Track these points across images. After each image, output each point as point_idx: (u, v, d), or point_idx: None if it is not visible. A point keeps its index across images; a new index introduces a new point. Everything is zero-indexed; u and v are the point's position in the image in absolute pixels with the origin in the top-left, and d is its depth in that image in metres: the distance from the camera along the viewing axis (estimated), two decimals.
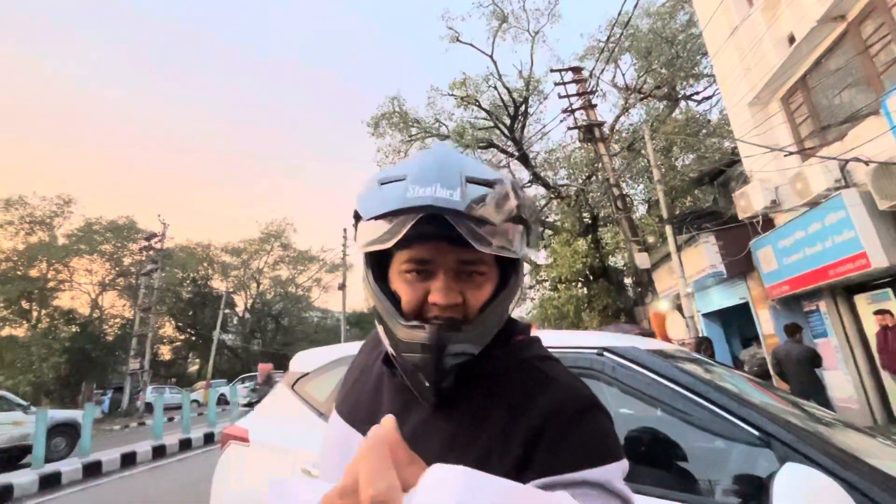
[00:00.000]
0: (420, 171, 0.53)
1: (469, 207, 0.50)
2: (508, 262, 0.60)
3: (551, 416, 0.52)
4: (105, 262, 25.64)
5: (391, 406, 0.62)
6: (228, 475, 2.24)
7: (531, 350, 0.63)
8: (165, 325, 29.20)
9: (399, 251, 0.58)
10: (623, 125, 15.53)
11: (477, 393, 0.57)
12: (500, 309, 0.58)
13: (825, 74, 6.63)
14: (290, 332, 36.96)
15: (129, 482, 6.74)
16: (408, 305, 0.57)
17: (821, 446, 1.11)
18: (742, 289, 8.66)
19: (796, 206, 6.75)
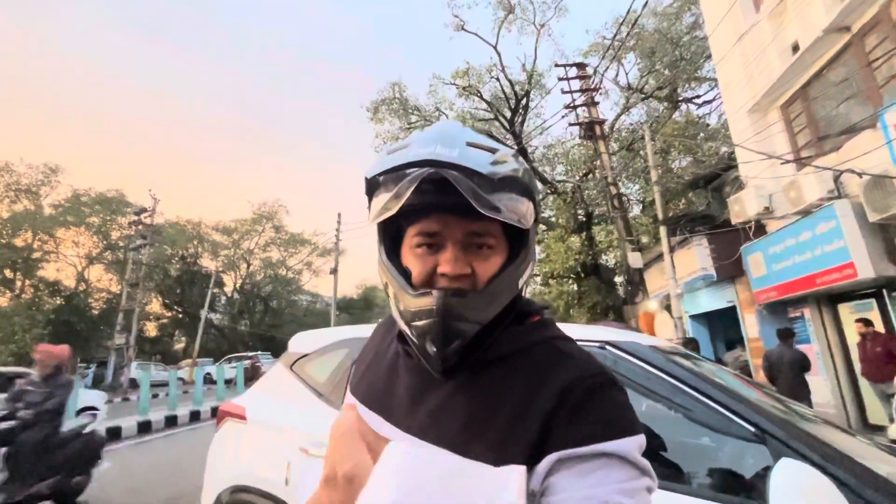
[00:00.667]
0: (422, 136, 0.56)
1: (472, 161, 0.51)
2: (517, 236, 0.60)
3: (569, 392, 0.53)
4: (92, 235, 25.24)
5: (408, 387, 0.62)
6: (224, 451, 2.26)
7: (547, 330, 0.64)
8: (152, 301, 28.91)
9: (410, 226, 0.60)
10: (623, 124, 15.58)
11: (495, 371, 0.58)
12: (508, 281, 0.58)
13: (826, 85, 6.69)
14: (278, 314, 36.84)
15: (113, 456, 6.71)
16: (418, 277, 0.58)
17: (812, 444, 1.16)
18: (730, 292, 8.82)
19: (789, 213, 6.86)
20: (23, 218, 22.68)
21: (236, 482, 2.05)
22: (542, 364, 0.58)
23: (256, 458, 2.07)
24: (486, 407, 0.56)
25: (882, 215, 5.34)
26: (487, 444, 0.53)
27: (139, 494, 4.74)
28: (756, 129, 7.67)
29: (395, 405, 0.62)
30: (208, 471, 2.26)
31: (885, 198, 5.26)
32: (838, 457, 1.13)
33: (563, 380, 0.54)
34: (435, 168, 0.52)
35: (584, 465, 0.49)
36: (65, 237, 24.61)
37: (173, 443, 7.64)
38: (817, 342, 6.95)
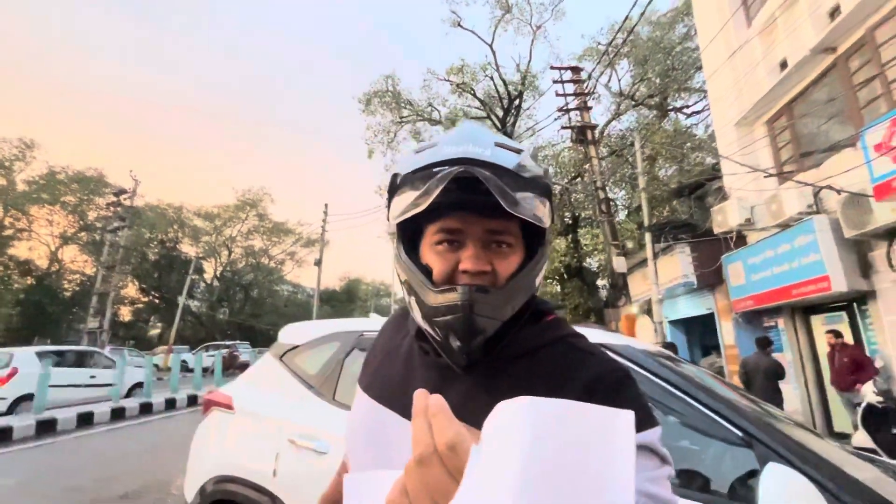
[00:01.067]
0: (451, 136, 0.58)
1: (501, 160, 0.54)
2: (533, 236, 0.62)
3: (592, 386, 0.55)
4: (68, 215, 24.42)
5: (426, 384, 0.62)
6: (210, 441, 2.23)
7: (562, 329, 0.65)
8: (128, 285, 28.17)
9: (430, 224, 0.61)
10: (613, 130, 15.79)
11: (516, 367, 0.60)
12: (526, 280, 0.60)
13: (811, 103, 6.90)
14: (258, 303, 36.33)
15: (86, 442, 6.56)
16: (439, 275, 0.59)
17: (796, 449, 1.21)
18: (709, 300, 9.05)
19: (769, 226, 7.07)
20: None
21: (222, 472, 2.03)
22: (564, 360, 0.59)
23: (244, 448, 2.05)
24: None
25: (857, 232, 5.55)
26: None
27: (111, 482, 4.64)
28: (742, 143, 7.87)
29: (411, 403, 0.63)
30: (192, 460, 2.23)
31: (861, 215, 5.46)
32: (820, 462, 1.18)
33: (588, 376, 0.56)
34: (466, 166, 0.53)
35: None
36: (38, 215, 23.77)
37: (148, 430, 7.49)
38: (790, 351, 7.19)
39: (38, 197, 23.03)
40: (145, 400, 9.14)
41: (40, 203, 23.24)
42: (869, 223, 5.37)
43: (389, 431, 0.62)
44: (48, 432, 6.91)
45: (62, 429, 7.15)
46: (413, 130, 16.87)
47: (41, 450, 6.08)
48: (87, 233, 25.05)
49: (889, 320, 5.60)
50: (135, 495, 4.29)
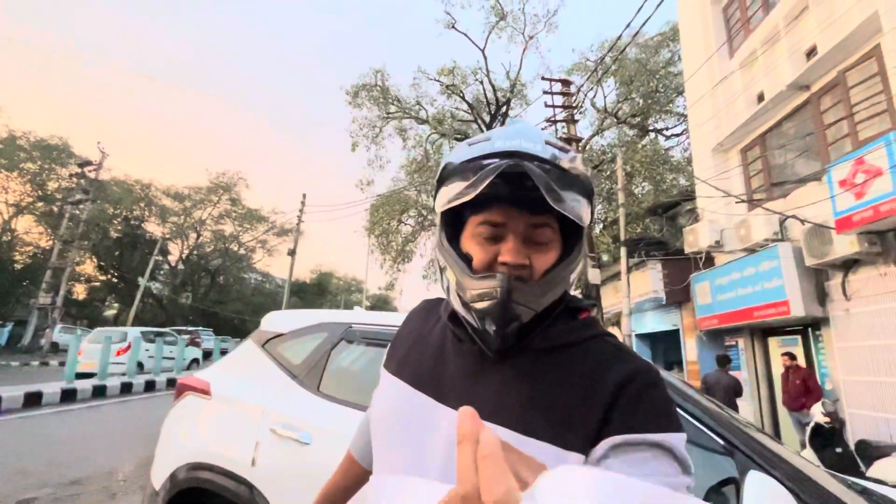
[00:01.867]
0: (504, 131, 0.60)
1: (551, 157, 0.56)
2: (571, 234, 0.64)
3: (627, 383, 0.57)
4: (26, 183, 23.02)
5: (461, 370, 0.65)
6: (183, 426, 2.16)
7: (596, 328, 0.68)
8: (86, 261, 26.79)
9: (474, 215, 0.63)
10: (595, 144, 16.15)
11: (553, 359, 0.62)
12: (561, 276, 0.61)
13: (783, 136, 7.28)
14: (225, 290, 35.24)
15: (32, 423, 6.21)
16: (479, 264, 0.61)
17: (773, 459, 1.28)
18: (675, 316, 9.39)
19: (736, 249, 7.40)
20: None
21: (196, 459, 1.96)
22: (599, 357, 0.61)
23: (221, 435, 2.00)
24: (548, 392, 0.59)
25: (818, 261, 5.89)
26: (550, 426, 0.56)
27: (63, 466, 4.41)
28: (717, 168, 8.21)
29: (446, 387, 0.64)
30: (163, 445, 2.15)
31: (822, 245, 5.79)
32: (795, 473, 1.25)
33: (621, 373, 0.58)
34: (517, 160, 0.55)
35: (636, 455, 0.52)
36: None
37: (101, 414, 7.15)
38: (746, 370, 7.55)
39: None
40: (98, 383, 8.72)
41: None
42: (829, 253, 5.70)
43: (421, 414, 0.64)
44: None
45: (7, 407, 6.74)
46: (399, 127, 16.79)
47: None
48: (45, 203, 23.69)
49: (839, 346, 5.96)
50: (85, 481, 4.09)
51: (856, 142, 5.79)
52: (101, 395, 8.50)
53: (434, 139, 16.38)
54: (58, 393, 7.59)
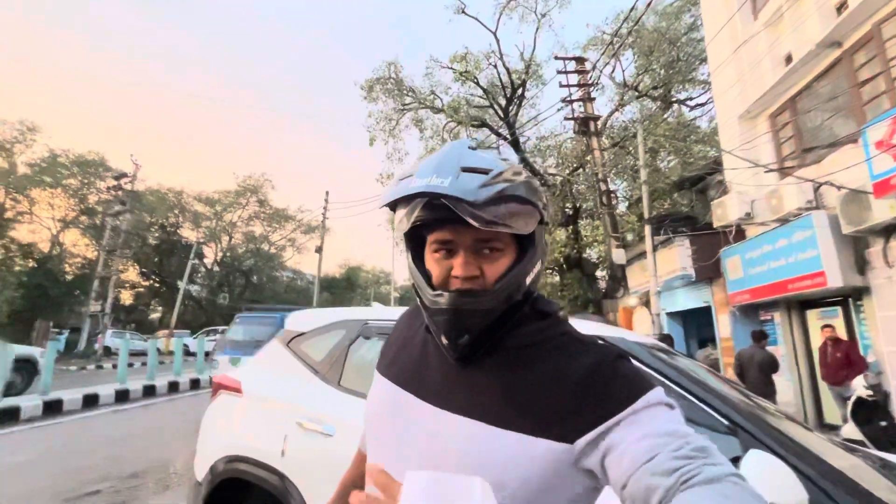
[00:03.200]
0: (424, 165, 0.63)
1: (458, 191, 0.58)
2: (525, 237, 0.67)
3: (592, 371, 0.62)
4: (69, 198, 24.38)
5: (440, 369, 0.70)
6: (219, 422, 2.32)
7: (566, 326, 0.72)
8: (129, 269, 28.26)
9: (430, 234, 0.68)
10: (616, 121, 15.70)
11: (524, 357, 0.67)
12: (515, 280, 0.65)
13: (814, 98, 6.89)
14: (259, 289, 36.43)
15: (91, 423, 6.70)
16: (436, 280, 0.66)
17: (778, 437, 1.29)
18: (706, 293, 9.13)
19: (768, 220, 7.11)
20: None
21: (232, 452, 2.11)
22: (564, 352, 0.66)
23: (252, 430, 2.13)
24: (518, 387, 0.64)
25: (855, 228, 5.60)
26: (522, 417, 0.61)
27: (118, 462, 4.76)
28: (744, 137, 7.87)
29: (427, 385, 0.70)
30: (202, 440, 2.32)
31: (860, 212, 5.51)
32: (800, 450, 1.26)
33: (586, 363, 0.63)
34: (430, 198, 0.60)
35: (637, 416, 0.56)
36: (40, 198, 23.72)
37: (152, 413, 7.64)
38: (784, 345, 7.30)
39: (40, 180, 22.97)
40: (149, 383, 9.28)
41: (42, 186, 23.20)
42: (867, 220, 5.42)
43: (404, 409, 0.70)
44: (54, 413, 7.05)
45: (68, 409, 7.29)
46: (415, 118, 16.77)
47: (47, 430, 6.21)
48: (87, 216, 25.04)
49: (882, 316, 5.69)
50: (142, 474, 4.41)
51: (893, 99, 5.44)
52: (151, 394, 9.05)
53: (451, 128, 16.31)
54: (112, 394, 8.14)
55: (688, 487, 0.47)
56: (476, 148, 0.68)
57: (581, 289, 14.06)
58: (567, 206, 14.89)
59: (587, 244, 14.37)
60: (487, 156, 0.66)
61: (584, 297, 13.93)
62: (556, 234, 13.23)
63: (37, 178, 22.82)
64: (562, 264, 13.98)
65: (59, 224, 24.66)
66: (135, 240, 25.70)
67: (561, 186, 14.50)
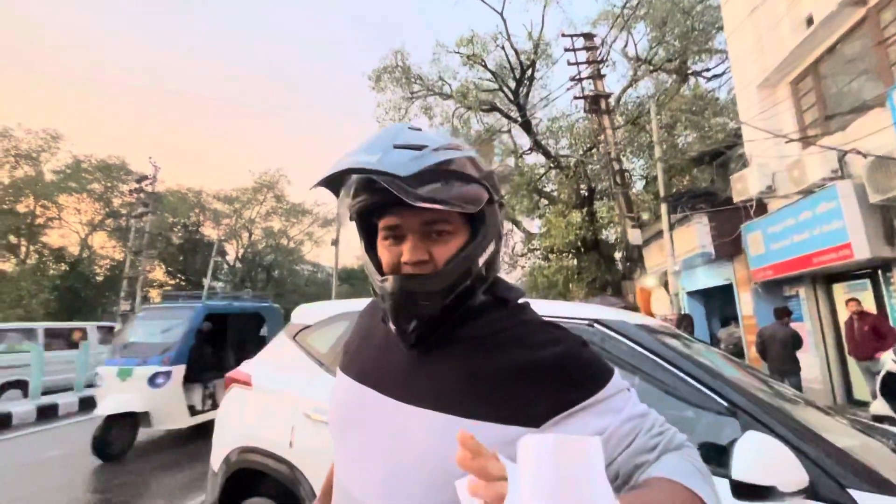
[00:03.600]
0: (357, 145, 0.61)
1: (386, 165, 0.56)
2: (477, 218, 0.65)
3: (561, 356, 0.62)
4: (94, 202, 25.19)
5: (401, 363, 0.68)
6: (231, 415, 2.39)
7: (526, 313, 0.71)
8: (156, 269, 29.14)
9: (379, 220, 0.66)
10: (630, 97, 15.25)
11: (486, 346, 0.65)
12: (465, 261, 0.63)
13: (838, 61, 6.54)
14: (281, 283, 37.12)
15: None
16: (387, 266, 0.65)
17: (780, 418, 1.25)
18: (727, 270, 8.89)
19: (790, 193, 6.85)
20: (24, 184, 22.60)
21: (244, 443, 2.18)
22: (527, 340, 0.65)
23: (262, 421, 2.19)
24: (483, 376, 0.62)
25: (883, 196, 5.34)
26: (488, 406, 0.60)
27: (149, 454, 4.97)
28: (764, 106, 7.55)
29: (389, 380, 0.68)
30: (217, 432, 2.40)
31: (888, 179, 5.24)
32: (801, 430, 1.22)
33: (557, 348, 0.63)
34: (357, 174, 0.59)
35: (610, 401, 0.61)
36: (67, 203, 24.57)
37: None
38: (810, 321, 7.07)
39: (66, 186, 23.76)
40: None
41: (68, 192, 24.01)
42: (895, 188, 5.16)
43: (366, 406, 0.68)
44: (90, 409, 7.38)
45: None
46: (424, 105, 16.65)
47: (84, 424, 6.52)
48: (113, 219, 25.85)
49: None
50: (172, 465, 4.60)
51: None
52: None
53: (461, 113, 16.13)
54: None
55: (661, 453, 0.58)
56: (419, 129, 0.65)
57: (599, 271, 13.87)
58: (582, 187, 14.63)
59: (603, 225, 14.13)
60: (430, 134, 0.64)
61: (602, 280, 13.75)
62: (570, 217, 13.04)
63: (63, 185, 23.61)
64: (579, 247, 13.79)
65: (87, 228, 25.54)
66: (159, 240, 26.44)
67: (575, 168, 14.24)
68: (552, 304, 1.96)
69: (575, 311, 1.73)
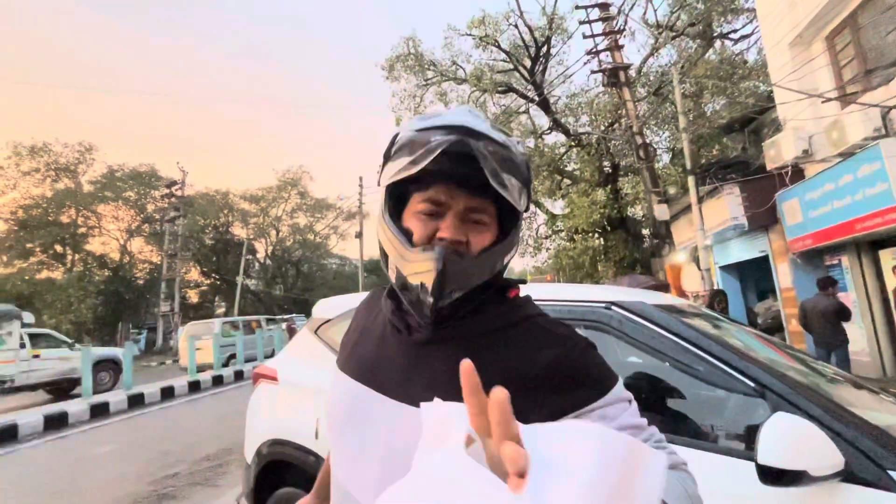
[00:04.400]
0: (452, 111, 0.62)
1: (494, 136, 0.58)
2: (507, 220, 0.66)
3: (558, 363, 0.60)
4: (130, 209, 26.31)
5: (400, 360, 0.66)
6: (260, 409, 2.46)
7: (529, 308, 0.69)
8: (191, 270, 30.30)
9: (417, 192, 0.64)
10: (651, 67, 14.62)
11: (486, 343, 0.63)
12: (495, 257, 0.63)
13: (878, 9, 6.06)
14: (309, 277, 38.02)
15: (169, 413, 7.37)
16: (420, 238, 0.62)
17: (812, 397, 1.18)
18: (762, 241, 8.51)
19: (829, 156, 6.45)
20: (65, 195, 23.80)
21: (273, 436, 2.24)
22: (531, 339, 0.63)
23: (289, 414, 2.25)
24: (483, 375, 0.60)
25: None
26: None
27: (195, 445, 5.22)
28: (797, 65, 7.09)
29: (387, 378, 0.66)
30: (248, 426, 2.48)
31: None
32: (836, 409, 1.15)
33: (561, 348, 0.62)
34: (464, 136, 0.56)
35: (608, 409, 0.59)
36: (105, 212, 25.77)
37: (221, 400, 8.28)
38: (854, 290, 6.71)
39: (103, 195, 24.91)
40: (216, 373, 10.04)
41: (105, 201, 25.16)
42: None
43: (363, 405, 0.66)
44: (138, 405, 7.80)
45: (149, 401, 8.04)
46: (439, 92, 16.44)
47: (132, 421, 6.90)
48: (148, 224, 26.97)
49: None
50: (215, 457, 4.82)
51: None
52: (219, 383, 9.80)
53: (476, 97, 15.87)
54: (185, 386, 8.89)
55: None
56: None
57: (627, 249, 13.53)
58: (604, 164, 14.23)
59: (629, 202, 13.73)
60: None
61: (630, 258, 13.42)
62: (594, 195, 12.72)
63: (100, 195, 24.73)
64: (604, 226, 13.47)
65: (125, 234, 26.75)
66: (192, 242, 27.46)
67: (597, 145, 13.84)
68: (568, 287, 1.92)
69: (591, 293, 1.68)
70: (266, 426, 2.33)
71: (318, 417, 2.09)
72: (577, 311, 1.58)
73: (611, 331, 1.52)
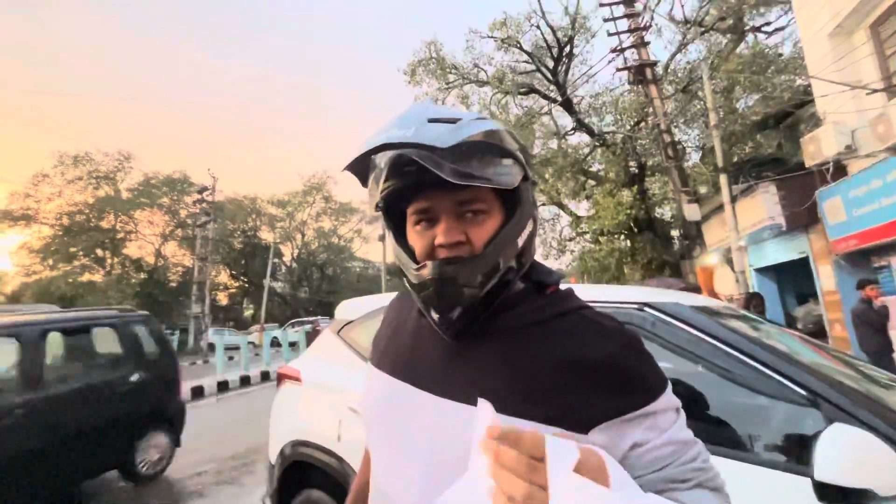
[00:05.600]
0: (383, 124, 0.58)
1: (423, 138, 0.53)
2: (511, 197, 0.61)
3: (604, 361, 0.56)
4: (164, 215, 27.37)
5: (437, 355, 0.64)
6: (284, 410, 2.47)
7: (571, 301, 0.65)
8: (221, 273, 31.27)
9: (409, 206, 0.63)
10: (679, 63, 14.20)
11: (527, 338, 0.60)
12: (505, 242, 0.59)
13: None
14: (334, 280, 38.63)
15: (198, 412, 7.54)
16: (420, 253, 0.61)
17: (873, 408, 1.07)
18: (802, 242, 8.11)
19: (875, 151, 6.10)
20: (105, 202, 24.99)
21: (296, 437, 2.24)
22: (574, 334, 0.59)
23: (312, 416, 2.24)
24: (523, 370, 0.57)
25: None
26: (528, 403, 0.55)
27: (222, 445, 5.32)
28: (837, 56, 6.74)
29: (424, 374, 0.64)
30: (272, 427, 2.49)
31: None
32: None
33: (611, 346, 0.57)
34: (391, 150, 0.55)
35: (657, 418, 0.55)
36: (141, 218, 26.90)
37: (248, 400, 8.44)
38: None
39: (140, 202, 26.01)
40: (244, 373, 10.26)
41: (142, 207, 26.27)
42: None
43: (402, 402, 0.65)
44: None
45: None
46: (461, 95, 16.42)
47: None
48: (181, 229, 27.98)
49: None
50: (240, 456, 4.90)
51: None
52: (246, 383, 10.00)
53: (498, 99, 15.78)
54: (214, 385, 9.11)
55: (698, 486, 0.54)
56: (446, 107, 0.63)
57: (655, 251, 13.15)
58: (631, 164, 13.89)
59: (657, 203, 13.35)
60: (458, 110, 0.61)
61: (658, 261, 13.03)
62: (620, 196, 12.43)
63: (137, 201, 25.83)
64: (631, 227, 13.13)
65: (160, 238, 27.81)
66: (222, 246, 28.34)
67: (622, 144, 13.52)
68: (599, 288, 1.84)
69: (624, 294, 1.60)
70: (289, 427, 2.33)
71: (341, 419, 2.07)
72: (609, 312, 1.51)
73: (644, 333, 1.44)
